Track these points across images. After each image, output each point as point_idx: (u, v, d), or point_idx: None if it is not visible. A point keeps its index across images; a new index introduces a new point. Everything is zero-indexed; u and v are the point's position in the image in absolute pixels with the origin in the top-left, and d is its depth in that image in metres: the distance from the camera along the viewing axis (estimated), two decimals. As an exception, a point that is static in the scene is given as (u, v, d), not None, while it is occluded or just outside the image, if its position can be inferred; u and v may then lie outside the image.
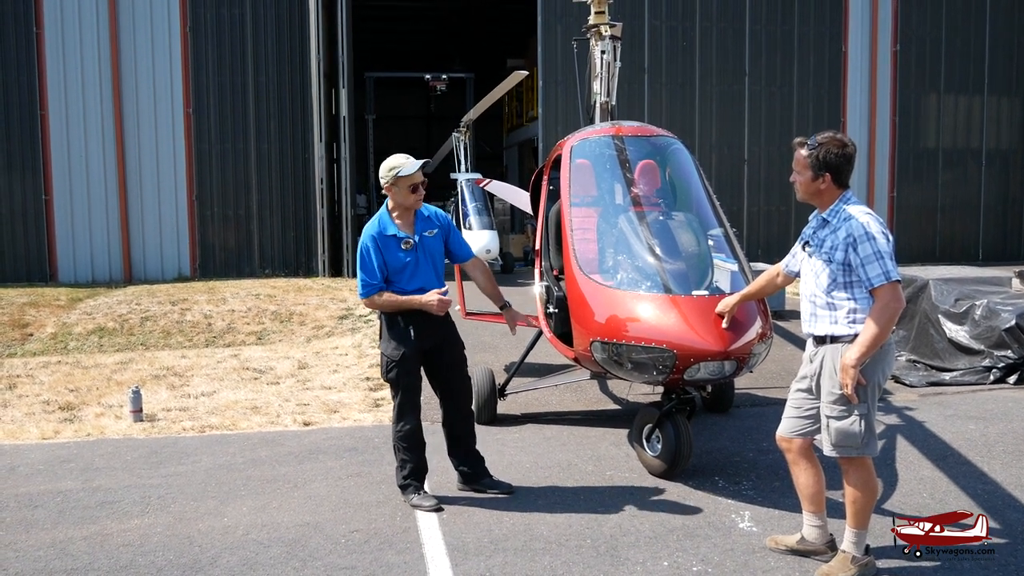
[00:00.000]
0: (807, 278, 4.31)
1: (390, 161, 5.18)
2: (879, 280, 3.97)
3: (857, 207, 4.17)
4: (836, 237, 4.11)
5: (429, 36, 30.52)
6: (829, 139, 4.16)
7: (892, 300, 3.97)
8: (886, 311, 3.96)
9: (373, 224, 5.18)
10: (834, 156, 4.13)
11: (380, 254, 5.10)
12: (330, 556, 4.47)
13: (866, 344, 3.96)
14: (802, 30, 19.36)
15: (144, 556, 4.50)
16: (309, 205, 18.00)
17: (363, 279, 5.12)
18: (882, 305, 3.96)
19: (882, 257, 3.99)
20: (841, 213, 4.16)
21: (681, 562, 4.37)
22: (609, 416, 7.25)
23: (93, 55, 17.12)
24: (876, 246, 4.00)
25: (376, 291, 5.10)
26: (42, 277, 17.11)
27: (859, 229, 4.04)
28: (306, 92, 17.75)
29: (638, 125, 6.75)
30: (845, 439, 4.09)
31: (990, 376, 8.21)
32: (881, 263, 3.98)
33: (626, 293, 5.51)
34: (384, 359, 5.18)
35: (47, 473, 5.88)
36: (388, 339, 5.16)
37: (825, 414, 4.15)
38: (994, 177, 20.63)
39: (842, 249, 4.08)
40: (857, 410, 4.06)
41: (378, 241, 5.11)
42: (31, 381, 8.85)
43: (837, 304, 4.13)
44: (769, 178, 19.43)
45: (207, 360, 9.82)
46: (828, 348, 4.16)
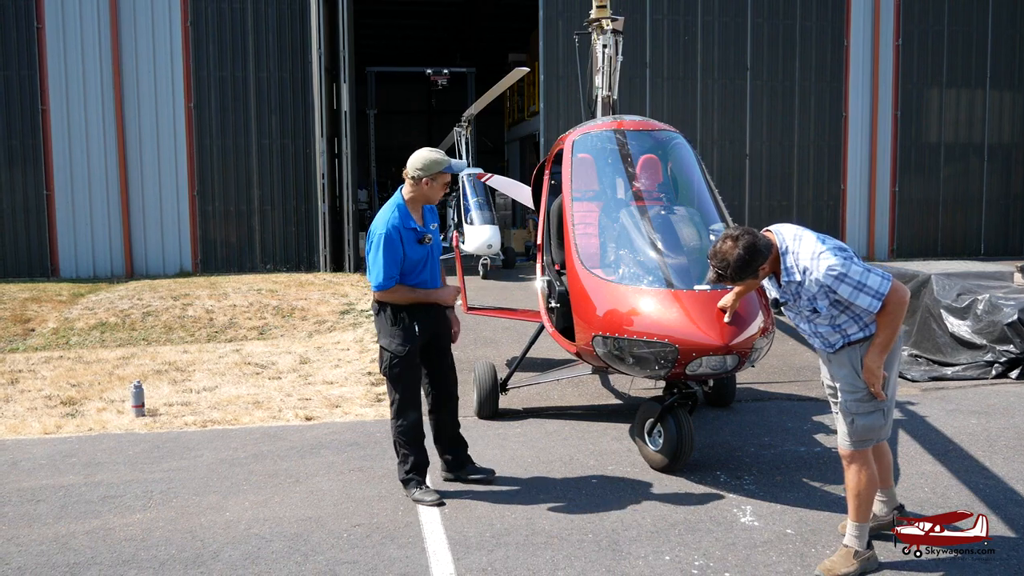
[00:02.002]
0: (802, 325, 4.30)
1: (433, 154, 5.10)
2: (875, 306, 3.97)
3: (802, 251, 4.02)
4: (809, 291, 4.06)
5: (430, 31, 30.50)
6: (727, 249, 4.03)
7: (896, 303, 3.99)
8: (894, 311, 4.00)
9: (393, 214, 5.04)
10: (744, 260, 4.00)
11: (403, 246, 5.00)
12: (332, 550, 4.48)
13: (884, 345, 4.03)
14: (804, 24, 19.31)
15: (147, 550, 4.51)
16: (310, 200, 17.99)
17: (385, 268, 4.95)
18: (888, 310, 3.99)
19: (864, 285, 3.94)
20: (798, 267, 4.05)
21: (683, 556, 4.38)
22: (611, 411, 7.25)
23: (94, 50, 17.10)
24: (851, 279, 3.94)
25: (395, 283, 5.03)
26: (43, 272, 17.12)
27: (826, 277, 3.95)
28: (307, 87, 17.73)
29: (640, 119, 6.74)
30: (869, 432, 4.15)
31: (992, 371, 8.21)
32: (867, 291, 3.94)
33: (628, 287, 5.51)
34: (387, 355, 5.08)
35: (49, 468, 5.88)
36: (392, 334, 5.07)
37: (849, 411, 4.15)
38: (996, 172, 20.58)
39: (823, 296, 4.04)
40: (883, 404, 4.13)
41: (401, 232, 5.01)
42: (33, 376, 8.86)
43: (843, 325, 4.13)
44: (770, 173, 19.41)
45: (209, 355, 9.83)
46: (844, 350, 4.18)
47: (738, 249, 4.01)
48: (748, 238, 4.03)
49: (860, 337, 4.10)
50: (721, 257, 4.07)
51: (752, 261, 4.03)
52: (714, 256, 4.11)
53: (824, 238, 4.10)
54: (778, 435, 6.47)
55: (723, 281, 4.21)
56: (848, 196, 19.78)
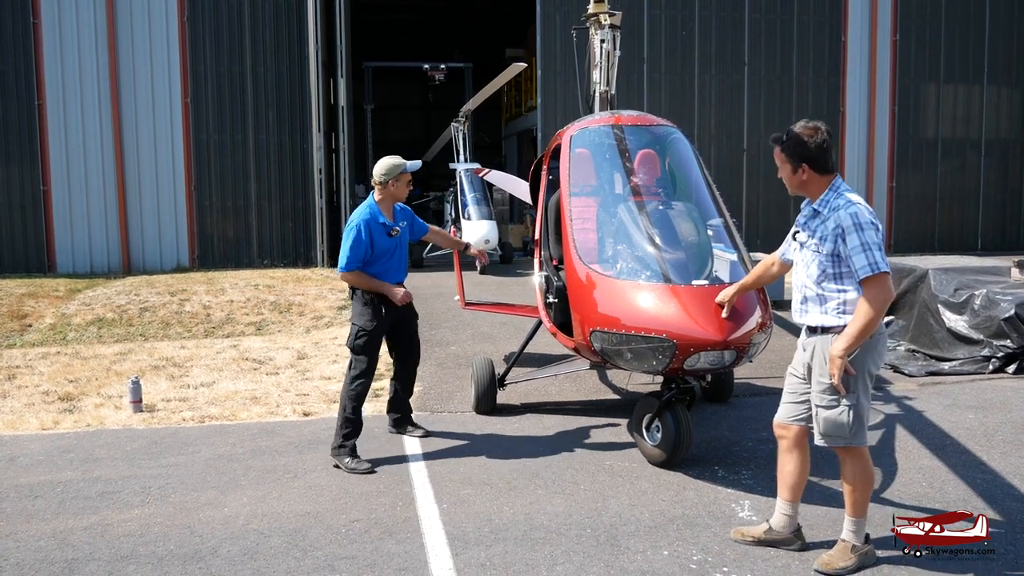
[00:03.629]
0: (798, 268, 4.29)
1: (392, 160, 5.98)
2: (866, 271, 3.92)
3: (848, 196, 4.10)
4: (825, 228, 4.07)
5: (428, 26, 30.41)
6: (801, 129, 4.13)
7: (880, 292, 3.93)
8: (874, 302, 3.92)
9: (364, 211, 5.92)
10: (806, 146, 4.09)
11: (371, 237, 5.84)
12: (330, 546, 4.48)
13: (853, 335, 3.94)
14: (802, 19, 19.29)
15: (145, 546, 4.51)
16: (308, 195, 17.97)
17: (350, 255, 5.81)
18: (870, 296, 3.92)
19: (870, 248, 3.93)
20: (831, 203, 4.10)
21: (681, 551, 4.38)
22: (608, 406, 7.26)
23: (91, 45, 17.04)
24: (864, 237, 3.94)
25: (357, 268, 5.83)
26: (40, 268, 17.08)
27: (848, 220, 3.98)
28: (304, 82, 17.69)
29: (637, 114, 6.73)
30: (833, 429, 4.09)
31: (989, 365, 8.22)
32: (869, 254, 3.92)
33: (626, 283, 5.50)
34: (355, 328, 5.89)
35: (47, 463, 5.88)
36: (362, 312, 5.88)
37: (815, 403, 4.16)
38: (993, 167, 20.59)
39: (831, 240, 4.04)
40: (846, 400, 4.05)
41: (371, 226, 5.86)
42: (30, 372, 8.85)
43: (827, 296, 4.11)
44: (769, 168, 19.29)
45: (206, 351, 9.82)
46: (819, 338, 4.15)
47: (821, 134, 4.11)
48: (828, 137, 4.14)
49: (835, 324, 4.07)
50: (800, 128, 4.15)
51: (816, 151, 4.09)
52: (796, 126, 4.18)
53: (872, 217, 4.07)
54: (776, 430, 6.47)
55: (777, 144, 4.22)
56: (845, 191, 19.75)
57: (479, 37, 29.91)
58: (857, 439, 4.10)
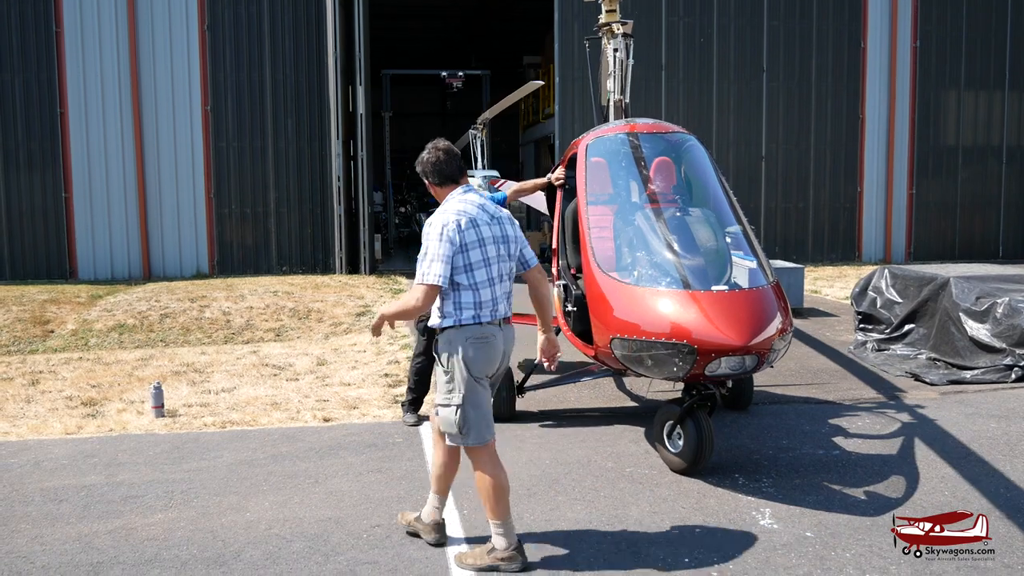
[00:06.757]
0: None
1: None
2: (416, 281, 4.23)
3: (449, 203, 4.38)
4: None
5: (445, 33, 30.54)
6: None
7: (418, 295, 4.17)
8: (407, 297, 4.22)
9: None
10: (425, 163, 4.46)
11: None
12: (352, 551, 4.51)
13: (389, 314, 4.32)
14: (820, 26, 19.23)
15: (168, 550, 4.55)
16: (326, 202, 18.06)
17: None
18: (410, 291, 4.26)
19: (423, 258, 4.21)
20: None
21: (702, 559, 4.38)
22: (627, 413, 7.25)
23: (112, 53, 17.24)
24: (427, 243, 4.23)
25: None
26: (62, 274, 17.26)
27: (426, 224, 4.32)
28: (323, 89, 17.81)
29: (653, 122, 6.73)
30: (444, 424, 4.31)
31: (1011, 374, 8.14)
32: (422, 264, 4.21)
33: (645, 289, 5.51)
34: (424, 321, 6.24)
35: (71, 468, 5.94)
36: None
37: (435, 401, 4.41)
38: (1015, 174, 20.42)
39: None
40: (454, 400, 4.24)
41: None
42: (53, 377, 8.94)
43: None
44: (786, 175, 19.33)
45: (226, 356, 9.89)
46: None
47: (433, 151, 4.45)
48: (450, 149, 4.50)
49: (440, 324, 4.31)
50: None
51: (428, 167, 4.45)
52: None
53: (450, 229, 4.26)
54: (796, 438, 6.46)
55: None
56: (865, 199, 19.68)
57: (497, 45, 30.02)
58: (467, 439, 4.28)
